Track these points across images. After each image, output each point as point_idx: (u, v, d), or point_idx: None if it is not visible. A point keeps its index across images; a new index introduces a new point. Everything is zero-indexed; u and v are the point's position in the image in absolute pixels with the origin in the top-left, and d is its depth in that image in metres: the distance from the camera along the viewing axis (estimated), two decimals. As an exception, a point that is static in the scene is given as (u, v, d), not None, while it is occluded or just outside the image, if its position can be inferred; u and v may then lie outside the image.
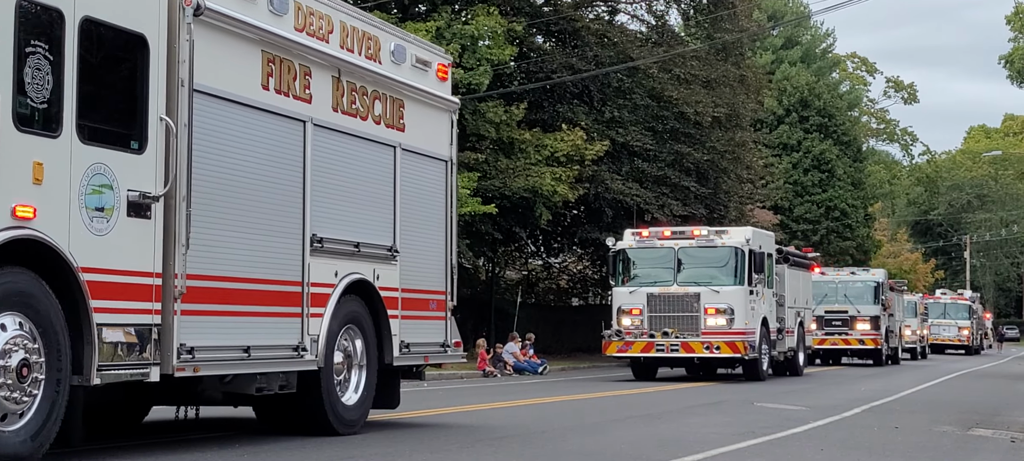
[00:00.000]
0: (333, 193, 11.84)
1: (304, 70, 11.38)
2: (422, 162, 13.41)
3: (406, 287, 13.04)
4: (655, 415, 16.60)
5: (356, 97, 12.24)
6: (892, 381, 28.93)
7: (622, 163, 38.02)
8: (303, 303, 11.32)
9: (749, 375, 27.41)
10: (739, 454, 11.46)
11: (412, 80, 13.19)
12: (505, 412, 16.75)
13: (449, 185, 13.93)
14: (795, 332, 31.24)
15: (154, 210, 9.46)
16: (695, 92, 39.40)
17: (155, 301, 9.44)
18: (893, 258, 76.78)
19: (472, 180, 31.65)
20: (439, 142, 13.79)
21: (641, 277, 27.36)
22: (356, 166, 12.26)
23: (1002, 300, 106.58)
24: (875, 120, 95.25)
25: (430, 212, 13.62)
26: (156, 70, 9.51)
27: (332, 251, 11.77)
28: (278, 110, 11.05)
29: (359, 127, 12.29)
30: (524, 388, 23.76)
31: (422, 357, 13.43)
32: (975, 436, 14.07)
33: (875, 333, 40.30)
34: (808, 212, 61.84)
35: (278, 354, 11.00)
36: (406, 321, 13.00)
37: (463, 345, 35.82)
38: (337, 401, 11.96)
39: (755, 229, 29.39)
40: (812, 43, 74.46)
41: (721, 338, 26.30)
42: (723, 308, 26.41)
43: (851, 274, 42.01)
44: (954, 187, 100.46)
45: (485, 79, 32.65)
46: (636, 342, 26.79)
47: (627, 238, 27.96)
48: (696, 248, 27.11)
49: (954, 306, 61.79)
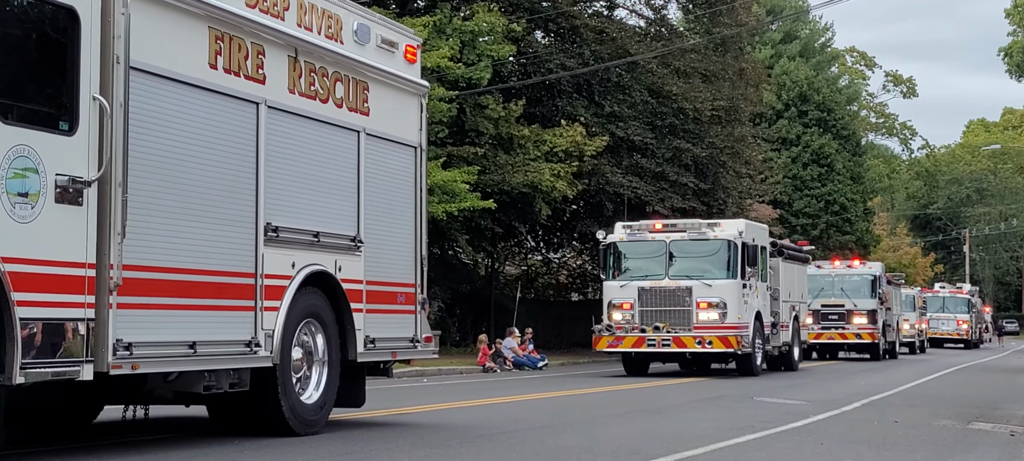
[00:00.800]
0: (290, 180, 11.01)
1: (257, 49, 10.54)
2: (389, 148, 12.56)
3: (371, 279, 12.18)
4: (654, 410, 16.23)
5: (315, 78, 11.40)
6: (891, 375, 28.38)
7: (622, 157, 37.38)
8: (256, 296, 10.49)
9: (743, 370, 26.55)
10: (738, 448, 11.26)
11: (377, 61, 12.34)
12: (493, 409, 16.27)
13: (418, 172, 13.06)
14: (790, 326, 30.35)
15: (87, 196, 8.62)
16: (694, 86, 38.83)
17: (88, 294, 8.60)
18: (893, 252, 75.99)
19: (471, 174, 31.20)
20: (407, 127, 12.93)
21: (632, 270, 26.51)
22: (316, 151, 11.42)
23: (1001, 294, 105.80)
24: (874, 114, 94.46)
25: (398, 201, 12.77)
26: (88, 46, 8.68)
27: (288, 241, 10.94)
28: (228, 91, 10.21)
29: (319, 110, 11.45)
30: (522, 383, 23.23)
31: (389, 353, 12.57)
32: (975, 430, 13.88)
33: (872, 327, 39.24)
34: (807, 206, 61.08)
35: (228, 350, 10.16)
36: (371, 315, 12.14)
37: (463, 341, 35.46)
38: (296, 399, 11.13)
39: (748, 221, 28.52)
40: (811, 38, 73.58)
41: (713, 332, 25.45)
42: (715, 302, 25.57)
43: (848, 267, 40.88)
44: (953, 181, 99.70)
45: (485, 74, 32.12)
46: (627, 337, 25.92)
47: (618, 231, 27.16)
48: (688, 241, 26.23)
49: (953, 300, 60.58)
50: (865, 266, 41.20)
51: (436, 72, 30.90)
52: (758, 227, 28.92)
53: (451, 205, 30.38)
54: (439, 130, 31.39)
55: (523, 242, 43.77)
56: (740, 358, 26.24)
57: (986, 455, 11.47)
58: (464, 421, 13.85)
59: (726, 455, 10.78)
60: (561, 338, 41.00)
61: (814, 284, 38.05)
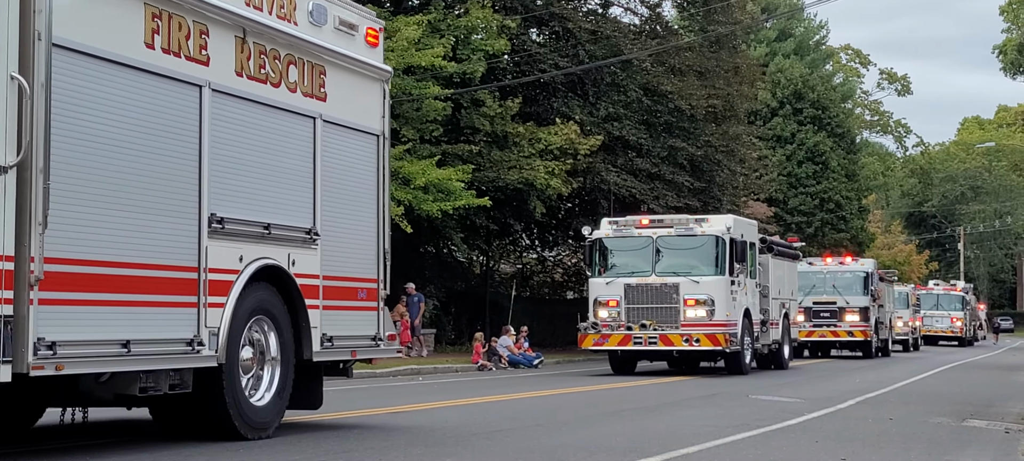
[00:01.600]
0: (238, 168, 10.17)
1: (199, 28, 9.71)
2: (348, 136, 11.68)
3: (329, 274, 11.32)
4: (649, 408, 15.95)
5: (266, 61, 10.54)
6: (885, 373, 27.86)
7: (617, 156, 36.75)
8: (199, 291, 9.65)
9: (731, 368, 25.65)
10: (734, 446, 11.07)
11: (335, 44, 11.46)
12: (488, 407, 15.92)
13: (381, 162, 12.17)
14: (780, 324, 29.36)
15: (4, 183, 7.83)
16: (689, 83, 38.22)
17: (5, 289, 7.79)
18: (887, 250, 75.26)
19: (466, 172, 30.69)
20: (369, 114, 12.03)
21: (618, 267, 25.48)
22: (267, 138, 10.57)
23: (996, 291, 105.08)
24: (869, 112, 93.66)
25: (358, 191, 11.88)
26: (5, 20, 7.89)
27: (236, 233, 10.09)
28: (167, 72, 9.37)
29: (270, 95, 10.59)
30: (518, 382, 22.71)
31: (349, 352, 11.69)
32: (970, 427, 13.72)
33: (864, 325, 38.16)
34: (802, 204, 60.29)
35: (167, 349, 9.32)
36: (329, 312, 11.28)
37: (459, 339, 34.87)
38: (244, 401, 10.29)
39: (737, 217, 27.48)
40: (805, 35, 72.93)
41: (701, 330, 24.45)
42: (703, 299, 24.55)
43: (840, 263, 39.76)
44: (948, 179, 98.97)
45: (479, 68, 31.51)
46: (613, 335, 24.92)
47: (604, 226, 26.14)
48: (675, 237, 25.23)
49: (947, 297, 59.41)
50: (857, 263, 40.11)
51: (430, 71, 30.32)
52: (747, 223, 27.96)
53: (446, 203, 29.90)
54: (434, 128, 30.88)
55: (518, 240, 43.24)
56: (728, 356, 25.38)
57: (981, 452, 11.25)
58: (459, 420, 13.54)
59: (722, 453, 10.54)
60: (556, 336, 40.29)
61: (806, 281, 37.25)
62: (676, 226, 25.34)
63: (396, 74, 29.94)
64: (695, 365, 26.75)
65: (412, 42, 29.75)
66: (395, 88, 29.93)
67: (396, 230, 30.09)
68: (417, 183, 29.31)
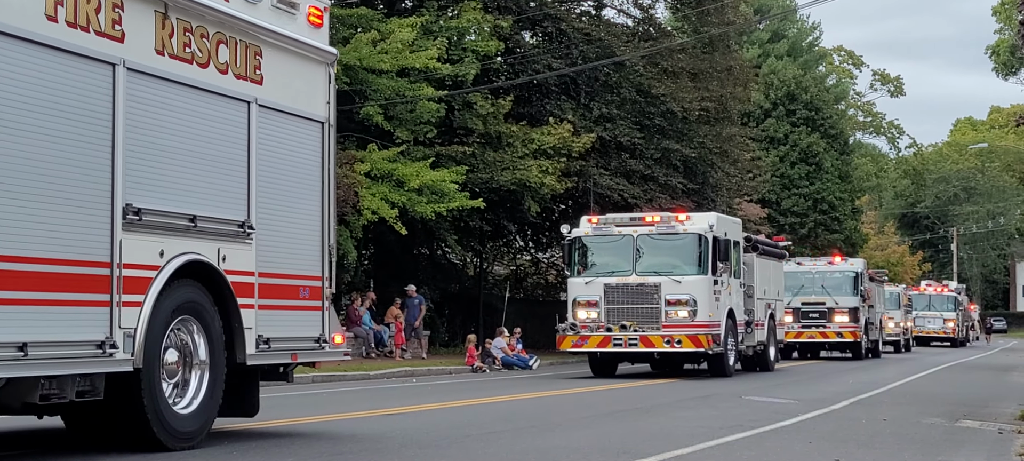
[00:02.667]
0: (159, 155, 9.14)
1: (112, 1, 8.67)
2: (288, 122, 10.62)
3: (266, 271, 10.28)
4: (644, 409, 15.78)
5: (192, 39, 9.50)
6: (877, 374, 27.21)
7: (610, 158, 35.98)
8: (112, 289, 8.59)
9: (714, 371, 24.42)
10: (728, 447, 10.93)
11: (272, 23, 10.40)
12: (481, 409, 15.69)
13: (326, 151, 11.12)
14: (765, 325, 28.00)
15: None
16: (682, 85, 37.55)
17: None
18: (881, 251, 74.32)
19: (460, 174, 30.16)
20: (312, 99, 10.96)
21: (598, 267, 24.29)
22: (193, 123, 9.52)
23: (989, 292, 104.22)
24: (862, 113, 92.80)
25: (300, 182, 10.83)
26: None
27: (155, 225, 9.05)
28: (73, 48, 8.34)
29: (197, 76, 9.54)
30: (511, 383, 22.27)
31: (289, 354, 10.64)
32: (963, 428, 13.58)
33: (854, 325, 36.83)
34: (796, 205, 59.45)
35: (73, 353, 8.26)
36: (266, 312, 10.25)
37: (452, 341, 34.18)
38: (166, 409, 9.24)
39: (720, 215, 26.19)
40: (798, 37, 72.07)
41: (683, 331, 23.25)
42: (685, 299, 23.35)
43: (829, 264, 38.35)
44: (941, 180, 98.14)
45: (472, 70, 30.96)
46: (593, 336, 23.73)
47: (583, 225, 24.93)
48: (656, 235, 24.02)
49: (939, 298, 58.09)
50: (846, 263, 38.73)
51: (424, 72, 29.73)
52: (730, 221, 26.80)
53: (440, 205, 29.36)
54: (428, 130, 30.35)
55: (512, 242, 42.58)
56: (712, 358, 24.17)
57: (974, 453, 11.13)
58: (453, 421, 13.36)
59: (716, 454, 10.42)
60: (550, 338, 39.19)
61: (794, 281, 36.19)
62: (657, 224, 24.22)
63: (390, 76, 29.46)
64: (678, 367, 25.70)
65: (406, 44, 29.24)
66: (389, 90, 29.34)
67: (390, 232, 29.51)
68: (411, 185, 28.77)
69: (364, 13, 30.52)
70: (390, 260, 34.53)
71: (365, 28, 30.14)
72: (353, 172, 27.86)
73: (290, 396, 17.53)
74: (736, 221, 27.74)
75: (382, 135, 30.19)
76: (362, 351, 28.97)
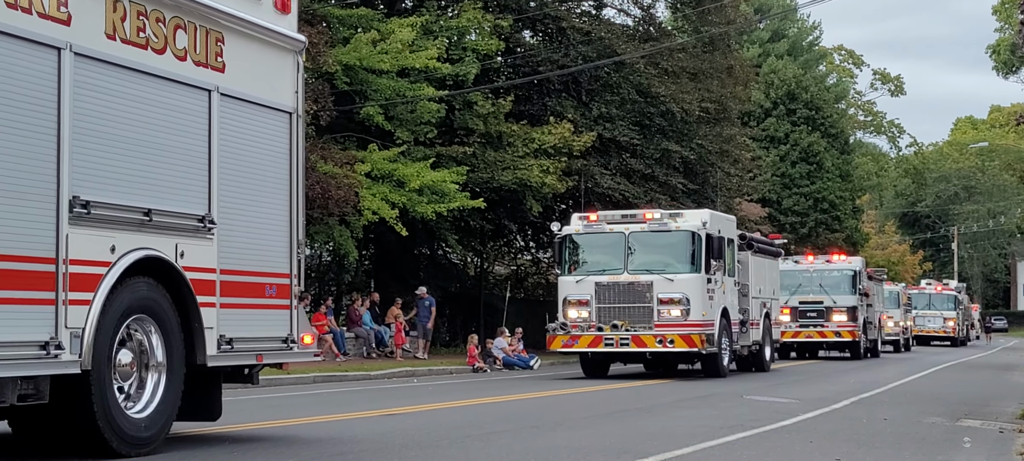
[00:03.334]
0: (110, 145, 8.69)
1: (58, -18, 8.22)
2: (253, 112, 10.15)
3: (228, 268, 9.80)
4: (644, 409, 15.69)
5: (147, 23, 9.04)
6: (879, 373, 27.09)
7: (610, 158, 36.36)
8: (57, 286, 8.17)
9: (708, 371, 23.90)
10: (729, 447, 10.92)
11: (235, 8, 9.93)
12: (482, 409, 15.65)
13: (294, 142, 10.63)
14: (760, 324, 27.34)
15: None
16: (682, 85, 37.73)
17: None
18: (881, 250, 74.69)
19: (461, 174, 30.28)
20: (279, 88, 10.49)
21: (589, 265, 23.72)
22: (149, 112, 9.07)
23: (990, 291, 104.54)
24: (862, 112, 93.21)
25: (265, 175, 10.34)
26: None
27: (105, 219, 8.60)
28: (13, 31, 7.92)
29: (152, 62, 9.09)
30: (512, 383, 22.19)
31: (253, 355, 10.15)
32: (964, 427, 13.55)
33: (852, 324, 36.34)
34: (796, 204, 59.50)
35: (13, 353, 7.84)
36: (228, 311, 9.76)
37: (453, 341, 34.67)
38: (119, 413, 8.78)
39: (714, 212, 25.54)
40: (799, 36, 72.32)
41: (676, 331, 22.66)
42: (678, 298, 22.82)
43: (827, 262, 37.98)
44: (941, 178, 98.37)
45: (472, 70, 31.23)
46: (583, 336, 23.18)
47: (574, 222, 24.38)
48: (648, 232, 23.40)
49: (940, 297, 57.58)
50: (845, 261, 38.29)
51: (424, 72, 30.13)
52: (724, 218, 26.07)
53: (441, 205, 29.60)
54: (428, 130, 30.71)
55: (512, 242, 42.50)
56: (705, 358, 23.64)
57: (975, 452, 11.08)
58: (454, 421, 13.33)
59: (717, 454, 10.36)
60: (551, 338, 39.89)
61: (792, 280, 35.91)
62: (649, 221, 23.63)
63: (390, 76, 29.71)
64: (672, 368, 25.11)
65: (406, 44, 29.50)
66: (389, 90, 29.68)
67: (391, 232, 29.86)
68: (412, 186, 29.04)
69: (364, 13, 30.85)
70: (391, 260, 34.86)
71: (365, 28, 30.32)
72: (353, 172, 28.30)
73: (290, 397, 17.55)
74: (730, 218, 26.98)
75: (382, 135, 30.37)
76: (363, 351, 29.49)
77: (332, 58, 28.45)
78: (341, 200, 26.62)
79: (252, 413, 13.77)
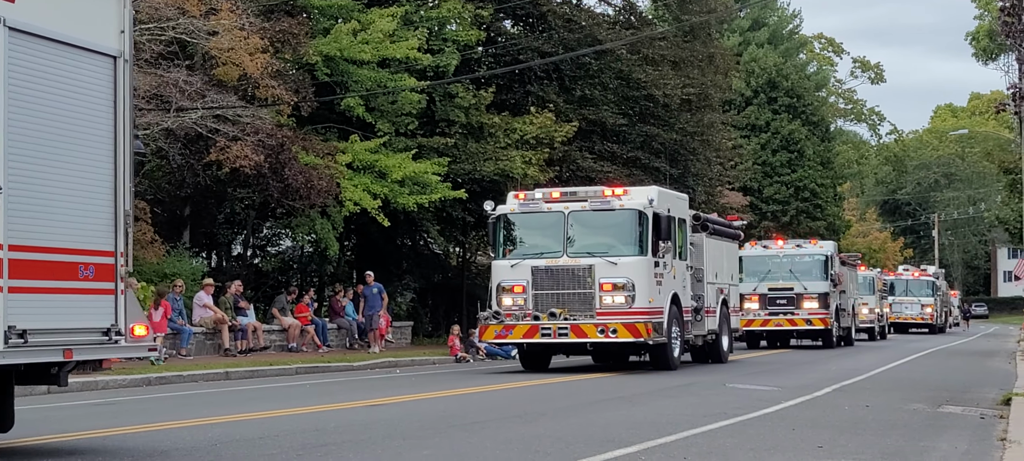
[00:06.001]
0: None
1: None
2: (58, 53, 8.27)
3: (21, 243, 7.91)
4: (626, 398, 15.41)
5: None
6: (858, 361, 26.53)
7: (594, 142, 36.28)
8: None
9: (657, 363, 21.59)
10: (712, 435, 10.82)
11: None
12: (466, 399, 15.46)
13: (120, 93, 8.72)
14: (717, 312, 25.04)
15: None
16: (664, 73, 37.38)
17: None
18: (862, 238, 74.81)
19: (442, 166, 29.78)
20: (96, 27, 8.61)
21: (525, 247, 21.52)
22: None
23: (970, 278, 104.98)
24: (842, 100, 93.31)
25: (78, 130, 8.45)
26: None
27: None
28: None
29: None
30: (496, 373, 21.57)
31: (59, 351, 8.23)
32: (945, 413, 13.54)
33: (824, 312, 34.35)
34: (777, 193, 58.99)
35: None
36: (21, 296, 7.87)
37: (436, 331, 34.55)
38: None
39: (662, 189, 22.95)
40: (779, 24, 72.21)
41: (619, 319, 20.37)
42: (622, 283, 20.55)
43: (797, 247, 36.18)
44: (922, 166, 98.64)
45: (453, 61, 30.98)
46: (518, 326, 20.91)
47: (509, 201, 22.10)
48: (590, 212, 21.22)
49: (917, 283, 55.86)
50: (816, 246, 36.41)
51: (404, 63, 30.11)
52: (675, 196, 23.62)
53: (422, 196, 29.31)
54: (409, 122, 30.69)
55: (495, 231, 42.47)
56: (653, 349, 21.29)
57: (957, 438, 10.97)
58: (437, 412, 13.19)
59: (700, 442, 10.21)
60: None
61: (761, 266, 34.42)
62: (591, 199, 21.39)
63: (371, 67, 29.47)
64: (624, 359, 22.98)
65: (386, 34, 29.35)
66: (370, 81, 29.46)
67: (373, 223, 29.72)
68: (393, 177, 28.87)
69: (344, 3, 30.54)
70: (373, 251, 34.73)
71: (345, 18, 29.89)
72: (335, 163, 28.31)
73: (273, 388, 17.42)
74: (682, 196, 24.40)
75: (364, 127, 29.89)
76: (346, 342, 29.46)
77: (312, 49, 28.37)
78: (323, 191, 26.53)
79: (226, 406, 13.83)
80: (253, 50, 23.91)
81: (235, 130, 24.33)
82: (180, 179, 26.49)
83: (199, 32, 23.64)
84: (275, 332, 27.36)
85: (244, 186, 27.70)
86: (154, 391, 17.07)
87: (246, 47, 23.69)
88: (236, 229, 32.54)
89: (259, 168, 24.72)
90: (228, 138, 24.28)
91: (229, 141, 24.26)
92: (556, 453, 9.29)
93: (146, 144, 22.69)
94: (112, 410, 13.61)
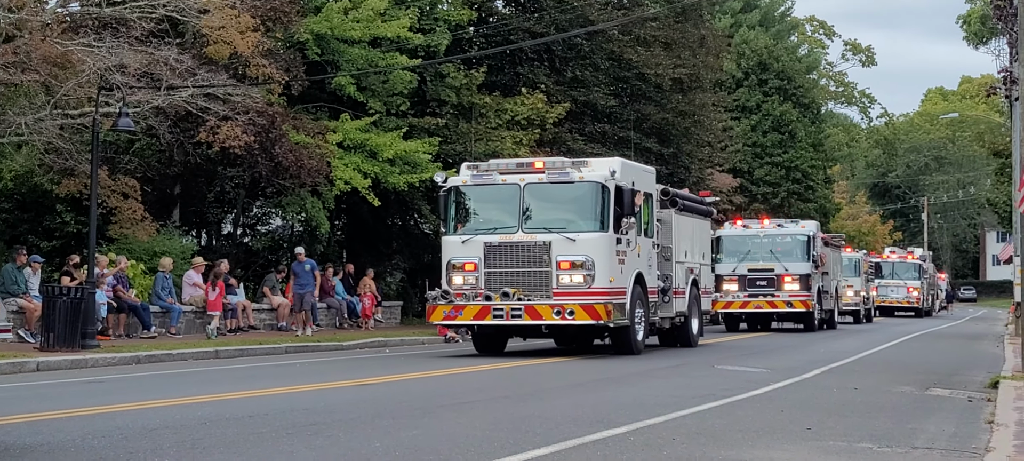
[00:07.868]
0: None
1: None
2: None
3: None
4: (615, 379, 15.39)
5: None
6: (846, 343, 26.36)
7: (584, 123, 36.26)
8: None
9: (619, 347, 20.38)
10: (701, 416, 10.82)
11: None
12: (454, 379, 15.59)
13: None
14: (686, 293, 23.56)
15: None
16: (655, 54, 37.48)
17: None
18: (852, 220, 75.01)
19: (433, 145, 29.91)
20: None
21: (478, 222, 20.14)
22: None
23: (959, 261, 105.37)
24: (833, 83, 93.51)
25: None
26: None
27: None
28: None
29: None
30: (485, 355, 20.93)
31: None
32: (933, 395, 13.57)
33: (805, 294, 33.25)
34: (768, 174, 59.02)
35: None
36: None
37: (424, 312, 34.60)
38: None
39: (626, 161, 21.51)
40: (770, 6, 72.11)
41: (577, 300, 19.05)
42: (580, 261, 19.24)
43: (778, 226, 35.25)
44: (912, 149, 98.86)
45: (444, 40, 31.01)
46: (468, 307, 19.57)
47: (462, 172, 20.76)
48: (548, 184, 19.76)
49: (903, 265, 55.09)
50: (797, 226, 35.58)
51: (395, 43, 30.05)
52: (640, 168, 22.22)
53: (413, 176, 29.42)
54: (401, 102, 30.66)
55: (486, 212, 42.45)
56: (614, 332, 20.02)
57: (945, 420, 10.98)
58: (426, 391, 13.16)
59: (689, 422, 10.20)
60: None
61: (741, 246, 33.67)
62: (548, 171, 19.90)
63: (362, 46, 29.47)
64: (589, 343, 21.60)
65: (377, 13, 29.36)
66: (361, 60, 29.47)
67: (364, 203, 29.71)
68: (384, 155, 28.93)
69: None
70: (363, 231, 34.74)
71: (337, -4, 30.37)
72: (325, 142, 28.29)
73: (260, 367, 17.43)
74: (649, 169, 22.96)
75: (355, 106, 30.06)
76: (335, 322, 29.50)
77: (304, 27, 28.29)
78: (313, 170, 26.50)
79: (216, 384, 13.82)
80: (244, 28, 23.83)
81: (226, 109, 24.27)
82: (170, 157, 26.45)
83: (190, 10, 23.56)
84: (265, 311, 27.35)
85: (234, 165, 27.66)
86: (144, 369, 17.09)
87: (237, 25, 23.61)
88: (226, 208, 32.49)
89: (249, 148, 24.64)
90: (218, 117, 24.21)
91: (219, 120, 24.19)
92: (545, 433, 9.26)
93: (136, 122, 22.68)
94: (103, 388, 13.69)
